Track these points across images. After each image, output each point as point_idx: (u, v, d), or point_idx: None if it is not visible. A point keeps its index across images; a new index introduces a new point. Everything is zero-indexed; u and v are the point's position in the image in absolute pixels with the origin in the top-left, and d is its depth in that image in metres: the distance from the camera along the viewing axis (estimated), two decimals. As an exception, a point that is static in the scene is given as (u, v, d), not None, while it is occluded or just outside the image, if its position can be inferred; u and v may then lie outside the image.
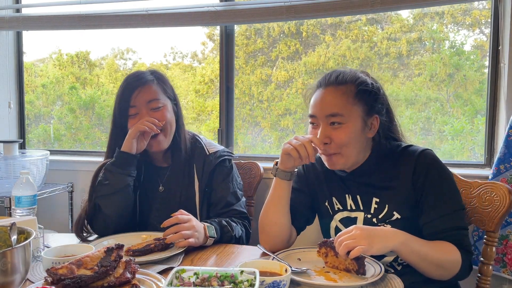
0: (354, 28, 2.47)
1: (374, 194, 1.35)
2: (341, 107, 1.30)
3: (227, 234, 1.49)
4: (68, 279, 0.95)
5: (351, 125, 1.30)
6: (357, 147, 1.33)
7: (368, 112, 1.33)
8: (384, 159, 1.37)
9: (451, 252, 1.23)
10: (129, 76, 1.60)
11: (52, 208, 2.67)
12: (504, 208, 1.39)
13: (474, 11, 2.29)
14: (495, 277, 1.94)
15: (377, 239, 1.14)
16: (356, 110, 1.31)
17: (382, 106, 1.37)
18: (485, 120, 2.18)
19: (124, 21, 2.49)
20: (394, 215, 1.31)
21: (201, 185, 1.61)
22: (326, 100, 1.33)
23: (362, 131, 1.33)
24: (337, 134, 1.30)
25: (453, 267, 1.24)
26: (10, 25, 2.67)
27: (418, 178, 1.30)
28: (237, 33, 2.61)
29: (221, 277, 0.97)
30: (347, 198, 1.41)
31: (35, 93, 3.05)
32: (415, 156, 1.32)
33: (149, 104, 1.55)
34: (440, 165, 1.32)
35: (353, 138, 1.31)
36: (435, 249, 1.22)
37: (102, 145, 2.94)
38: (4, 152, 2.33)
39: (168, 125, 1.58)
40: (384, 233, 1.18)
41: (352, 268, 1.14)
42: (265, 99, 2.62)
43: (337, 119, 1.30)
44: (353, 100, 1.31)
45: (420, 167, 1.30)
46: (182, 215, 1.39)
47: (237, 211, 1.61)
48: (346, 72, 1.36)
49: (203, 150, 1.65)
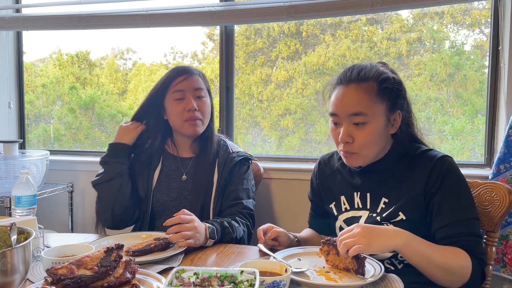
0: (354, 28, 2.47)
1: (384, 194, 1.33)
2: (364, 106, 1.26)
3: (228, 236, 1.50)
4: (68, 279, 0.95)
5: (375, 124, 1.27)
6: (378, 146, 1.31)
7: (391, 109, 1.30)
8: (402, 159, 1.34)
9: (460, 257, 1.18)
10: (178, 66, 1.76)
11: (52, 208, 2.67)
12: (504, 208, 1.39)
13: (474, 11, 2.29)
14: (495, 277, 1.94)
15: (377, 237, 1.12)
16: (379, 108, 1.28)
17: (404, 100, 1.34)
18: (485, 120, 2.18)
19: (124, 21, 2.49)
20: (399, 215, 1.29)
21: (220, 178, 1.68)
22: (348, 98, 1.28)
23: (385, 129, 1.30)
24: (361, 134, 1.27)
25: (463, 273, 1.17)
26: (10, 25, 2.67)
27: (432, 183, 1.26)
28: (237, 33, 2.61)
29: (221, 277, 0.97)
30: (355, 196, 1.39)
31: (35, 93, 3.05)
32: (433, 161, 1.28)
33: (196, 92, 1.69)
34: (458, 173, 1.28)
35: (376, 137, 1.28)
36: (442, 253, 1.17)
37: (102, 145, 2.94)
38: (4, 152, 2.33)
39: (207, 115, 1.72)
40: (385, 232, 1.15)
41: (352, 267, 1.14)
42: (265, 99, 2.62)
43: (360, 118, 1.26)
44: (376, 97, 1.27)
45: (437, 172, 1.26)
46: (185, 216, 1.39)
47: (245, 206, 1.66)
48: (368, 68, 1.31)
49: (227, 148, 1.76)
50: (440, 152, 1.33)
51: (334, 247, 1.18)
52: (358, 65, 1.34)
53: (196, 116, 1.67)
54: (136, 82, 2.97)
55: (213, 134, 1.77)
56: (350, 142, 1.29)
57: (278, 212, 2.32)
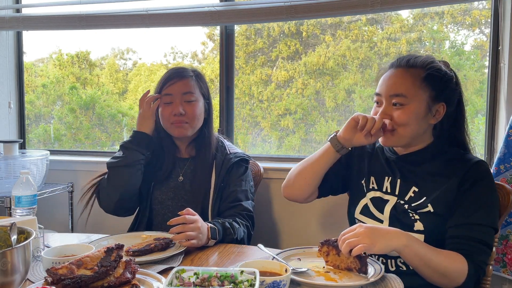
0: (354, 28, 2.47)
1: (415, 183, 1.34)
2: (406, 89, 1.30)
3: (229, 236, 1.50)
4: (68, 279, 0.95)
5: (413, 107, 1.29)
6: (415, 130, 1.32)
7: (434, 98, 1.31)
8: (440, 155, 1.36)
9: (457, 261, 1.19)
10: (172, 69, 1.77)
11: (52, 208, 2.66)
12: (504, 208, 1.39)
13: (474, 11, 2.29)
14: (495, 277, 1.94)
15: (380, 238, 1.13)
16: (421, 93, 1.30)
17: (453, 96, 1.35)
18: (485, 120, 2.18)
19: (124, 21, 2.49)
20: (428, 207, 1.29)
21: (217, 180, 1.68)
22: (393, 80, 1.33)
23: (424, 116, 1.32)
24: (398, 114, 1.30)
25: (457, 277, 1.18)
26: (10, 25, 2.67)
27: (465, 183, 1.27)
28: (237, 33, 2.61)
29: (221, 277, 0.97)
30: (386, 180, 1.40)
31: (35, 93, 3.05)
32: (470, 163, 1.30)
33: (184, 96, 1.68)
34: (490, 180, 1.29)
35: (412, 119, 1.30)
36: (440, 256, 1.18)
37: (102, 145, 2.94)
38: (4, 152, 2.33)
39: (195, 118, 1.70)
40: (387, 232, 1.17)
41: (354, 266, 1.14)
42: (265, 99, 2.62)
43: (399, 99, 1.30)
44: (420, 83, 1.30)
45: (471, 174, 1.28)
46: (189, 216, 1.40)
47: (244, 207, 1.66)
48: (420, 56, 1.35)
49: (224, 150, 1.75)
50: (477, 157, 1.35)
51: (334, 248, 1.18)
52: (413, 54, 1.38)
53: (181, 119, 1.67)
54: (136, 82, 2.97)
55: (211, 136, 1.76)
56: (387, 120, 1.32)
57: (278, 212, 2.32)
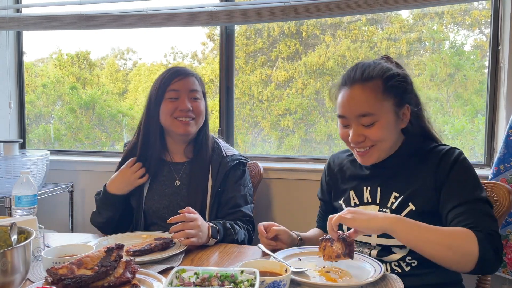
0: (354, 28, 2.47)
1: (395, 188, 1.33)
2: (371, 106, 1.26)
3: (229, 237, 1.50)
4: (68, 279, 0.95)
5: (384, 121, 1.27)
6: (391, 140, 1.31)
7: (398, 104, 1.30)
8: (412, 154, 1.34)
9: (462, 231, 1.12)
10: (172, 67, 1.72)
11: (52, 208, 2.67)
12: (504, 208, 1.39)
13: (474, 11, 2.29)
14: (495, 277, 1.94)
15: (362, 216, 1.13)
16: (386, 104, 1.27)
17: (411, 94, 1.34)
18: (485, 120, 2.18)
19: (124, 21, 2.49)
20: (409, 206, 1.27)
21: (214, 184, 1.65)
22: (355, 100, 1.28)
23: (396, 124, 1.31)
24: (372, 132, 1.28)
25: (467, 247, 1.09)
26: (10, 25, 2.67)
27: (441, 174, 1.25)
28: (237, 33, 2.61)
29: (221, 277, 0.97)
30: (365, 190, 1.38)
31: (35, 93, 3.05)
32: (441, 154, 1.28)
33: (191, 93, 1.65)
34: (465, 162, 1.27)
35: (387, 133, 1.29)
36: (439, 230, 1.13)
37: (102, 145, 2.94)
38: (4, 152, 2.33)
39: (201, 115, 1.67)
40: (374, 214, 1.16)
41: (341, 252, 1.13)
42: (265, 99, 2.62)
43: (368, 119, 1.26)
44: (382, 95, 1.27)
45: (445, 163, 1.26)
46: (189, 214, 1.40)
47: (244, 213, 1.64)
48: (372, 67, 1.30)
49: (220, 152, 1.71)
50: (449, 145, 1.33)
51: (330, 241, 1.18)
52: (362, 64, 1.33)
53: (189, 115, 1.62)
54: (136, 82, 2.97)
55: (208, 138, 1.72)
56: (361, 141, 1.30)
57: (278, 212, 2.32)
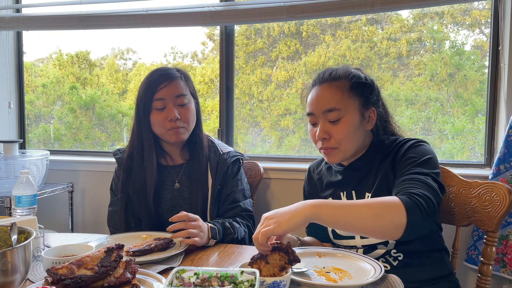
0: (354, 28, 2.47)
1: (367, 189, 1.37)
2: (337, 101, 1.33)
3: (229, 236, 1.51)
4: (68, 279, 0.95)
5: (349, 119, 1.33)
6: (356, 140, 1.36)
7: (364, 105, 1.37)
8: (380, 153, 1.40)
9: (386, 198, 1.12)
10: (155, 71, 1.63)
11: (52, 208, 2.67)
12: (504, 208, 1.39)
13: (474, 11, 2.29)
14: (495, 277, 1.94)
15: (283, 215, 1.07)
16: (352, 103, 1.34)
17: (378, 98, 1.41)
18: (485, 120, 2.18)
19: (124, 21, 2.49)
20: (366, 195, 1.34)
21: (214, 182, 1.65)
22: (322, 96, 1.36)
23: (361, 124, 1.36)
24: (337, 129, 1.33)
25: (393, 212, 1.08)
26: (10, 25, 2.67)
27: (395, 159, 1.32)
28: (237, 33, 2.61)
29: (221, 277, 0.97)
30: (342, 196, 1.43)
31: (35, 93, 3.05)
32: (400, 143, 1.35)
33: (177, 100, 1.60)
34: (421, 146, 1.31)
35: (352, 132, 1.34)
36: (364, 201, 1.14)
37: (102, 145, 2.94)
38: (4, 152, 2.33)
39: (191, 122, 1.64)
40: (290, 208, 1.10)
41: (284, 262, 1.05)
42: (265, 99, 2.62)
43: (334, 114, 1.33)
44: (348, 93, 1.35)
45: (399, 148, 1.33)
46: (191, 214, 1.41)
47: (243, 208, 1.65)
48: (339, 68, 1.41)
49: (217, 150, 1.71)
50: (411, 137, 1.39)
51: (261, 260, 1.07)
52: (331, 67, 1.44)
53: (178, 125, 1.58)
54: (136, 82, 2.97)
55: (202, 138, 1.70)
56: (327, 139, 1.35)
57: (278, 212, 2.32)
